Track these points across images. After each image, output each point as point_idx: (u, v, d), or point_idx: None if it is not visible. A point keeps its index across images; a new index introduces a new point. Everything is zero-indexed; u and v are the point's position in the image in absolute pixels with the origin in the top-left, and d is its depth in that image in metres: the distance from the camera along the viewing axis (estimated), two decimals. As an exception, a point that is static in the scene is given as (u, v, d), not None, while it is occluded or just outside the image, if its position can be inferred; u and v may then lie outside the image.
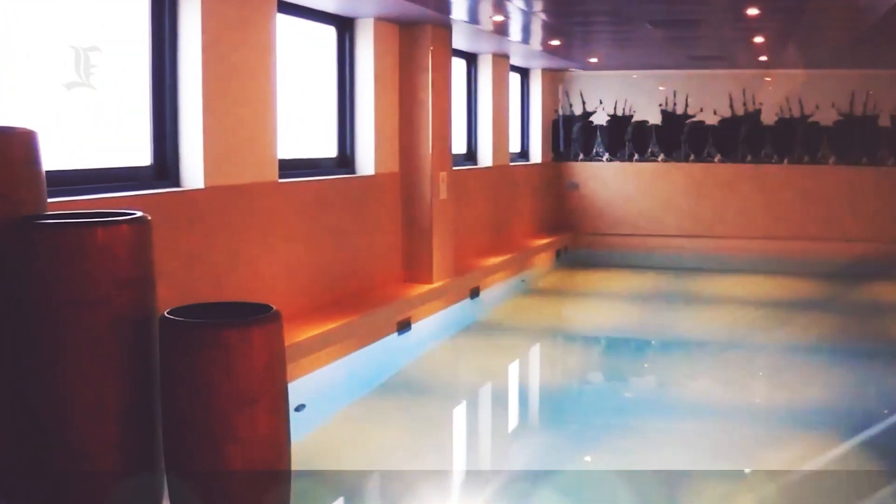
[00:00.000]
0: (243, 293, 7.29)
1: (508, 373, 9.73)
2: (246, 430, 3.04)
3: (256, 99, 7.67)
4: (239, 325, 3.04)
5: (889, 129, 15.98)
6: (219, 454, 3.02)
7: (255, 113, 7.66)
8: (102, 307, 3.23)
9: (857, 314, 12.41)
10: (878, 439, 7.32)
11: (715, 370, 9.76)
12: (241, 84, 7.46)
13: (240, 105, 7.46)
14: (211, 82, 7.08)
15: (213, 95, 7.12)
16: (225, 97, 7.27)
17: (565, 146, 16.85)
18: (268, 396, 3.05)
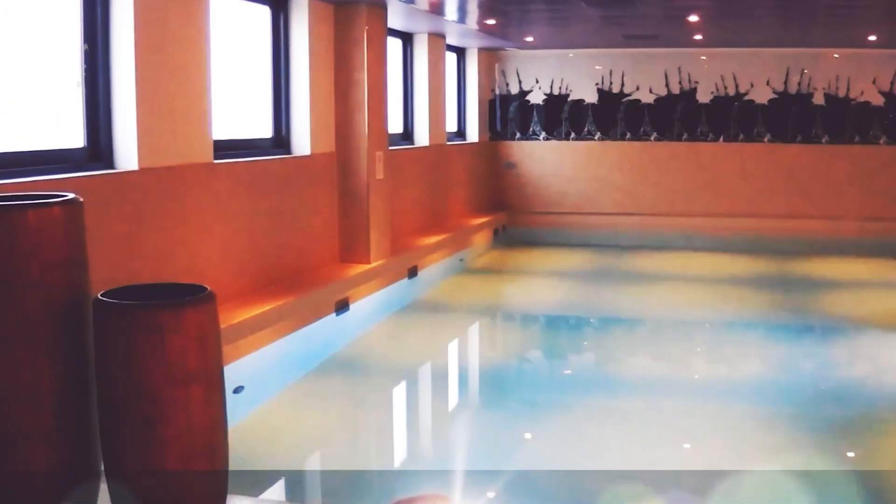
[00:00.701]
0: (180, 275, 7.25)
1: (448, 352, 9.76)
2: (181, 412, 3.02)
3: (190, 80, 7.61)
4: (172, 306, 3.02)
5: (823, 107, 16.14)
6: (154, 436, 3.01)
7: (189, 94, 7.60)
8: (34, 290, 3.21)
9: (793, 290, 12.56)
10: (812, 411, 7.44)
11: (653, 346, 9.84)
12: (174, 65, 7.39)
13: (174, 86, 7.39)
14: (144, 63, 7.02)
15: (147, 77, 7.05)
16: (158, 78, 7.20)
17: (502, 125, 16.87)
18: (203, 378, 3.04)
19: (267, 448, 6.43)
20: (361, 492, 5.85)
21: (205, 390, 3.07)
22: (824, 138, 16.17)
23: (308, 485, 6.27)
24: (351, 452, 6.63)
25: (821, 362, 9.20)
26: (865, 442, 6.80)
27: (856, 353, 9.63)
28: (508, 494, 5.66)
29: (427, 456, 6.82)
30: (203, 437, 3.06)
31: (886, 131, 16.07)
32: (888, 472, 6.21)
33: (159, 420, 3.02)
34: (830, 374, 8.76)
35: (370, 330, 9.90)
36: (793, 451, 6.52)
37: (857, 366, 9.17)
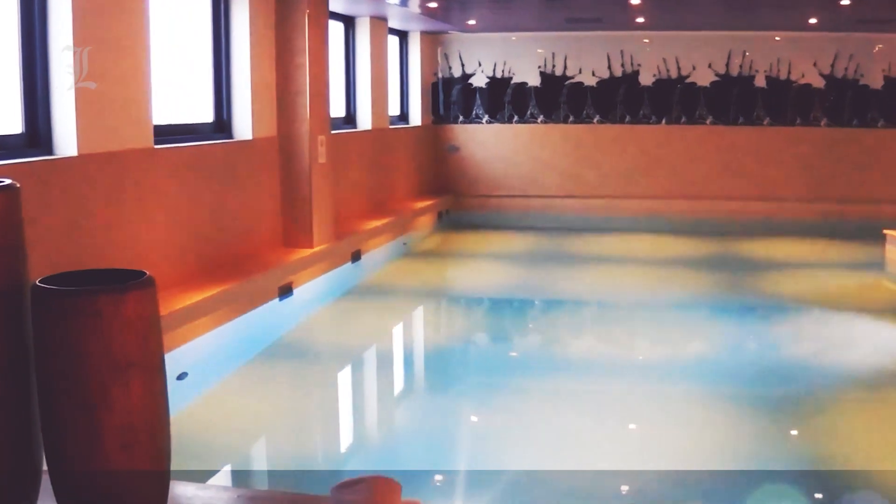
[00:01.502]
0: (121, 262, 7.18)
1: (393, 335, 9.75)
2: (122, 399, 2.99)
3: (130, 64, 7.52)
4: (112, 291, 2.98)
5: (765, 89, 16.28)
6: (95, 423, 2.97)
7: (129, 80, 7.52)
8: (-29, 277, 3.16)
9: (735, 270, 12.66)
10: (755, 390, 7.50)
11: (598, 328, 9.89)
12: (114, 49, 7.31)
13: (113, 72, 7.31)
14: (83, 47, 6.93)
15: (86, 61, 6.96)
16: (97, 63, 7.11)
17: (445, 109, 16.87)
18: (144, 363, 3.00)
19: (212, 434, 6.39)
20: (308, 476, 5.82)
21: (146, 376, 3.03)
22: (766, 120, 16.34)
23: (254, 470, 6.24)
24: (296, 437, 6.61)
25: (763, 342, 9.29)
26: (808, 420, 6.87)
27: (798, 333, 9.72)
28: (456, 477, 5.67)
29: (373, 440, 6.81)
30: (145, 423, 3.03)
31: (827, 113, 16.25)
32: (829, 450, 6.28)
33: (101, 407, 2.98)
34: (773, 354, 8.83)
35: (314, 314, 9.88)
36: (736, 430, 6.59)
37: (799, 345, 9.26)
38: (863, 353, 8.89)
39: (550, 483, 5.57)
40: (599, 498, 5.39)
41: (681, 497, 5.38)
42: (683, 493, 5.44)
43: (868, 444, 6.40)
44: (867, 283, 11.80)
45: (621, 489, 5.47)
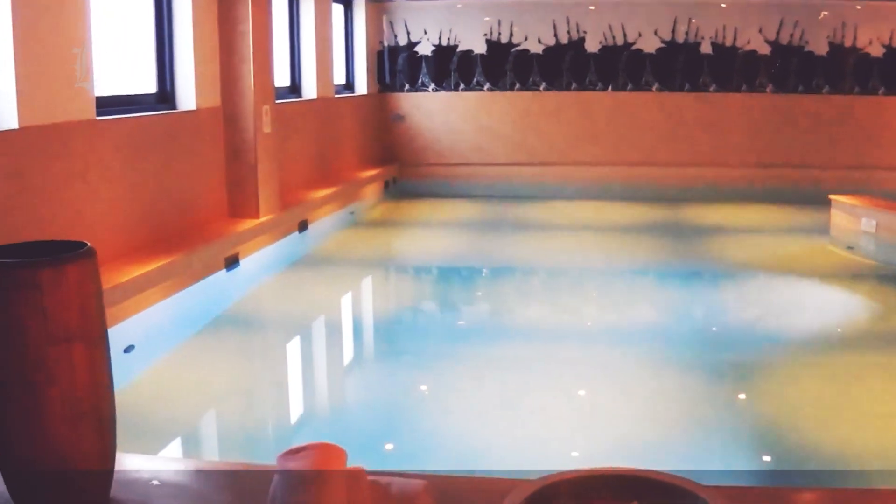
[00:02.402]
0: (65, 235, 7.08)
1: (341, 305, 9.73)
2: (63, 372, 2.94)
3: (71, 36, 7.41)
4: (51, 263, 2.94)
5: (711, 56, 16.34)
6: (36, 397, 2.93)
7: (69, 50, 7.41)
8: None
9: (682, 236, 12.74)
10: (703, 355, 7.56)
11: (546, 295, 9.92)
12: (54, 23, 7.19)
13: (53, 43, 7.20)
14: (22, 21, 6.81)
15: (25, 32, 6.85)
16: (38, 35, 7.00)
17: (391, 77, 16.79)
18: (85, 336, 2.96)
19: (161, 406, 6.35)
20: (257, 446, 5.81)
21: (88, 349, 2.99)
22: (712, 87, 16.40)
23: (204, 441, 6.22)
24: (245, 408, 6.58)
25: (711, 307, 9.36)
26: (755, 383, 6.92)
27: (745, 297, 9.80)
28: (406, 446, 5.67)
29: (323, 409, 6.80)
30: (88, 396, 2.99)
31: (773, 80, 16.35)
32: (777, 412, 6.33)
33: (42, 381, 2.94)
34: (720, 319, 8.91)
35: (261, 285, 9.83)
36: (685, 395, 6.63)
37: (746, 309, 9.34)
38: (809, 317, 8.99)
39: (499, 449, 5.59)
40: (549, 463, 5.41)
41: (628, 462, 5.40)
42: (632, 457, 5.46)
43: (815, 407, 6.46)
44: (813, 248, 11.90)
45: (571, 454, 5.49)
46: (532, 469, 2.50)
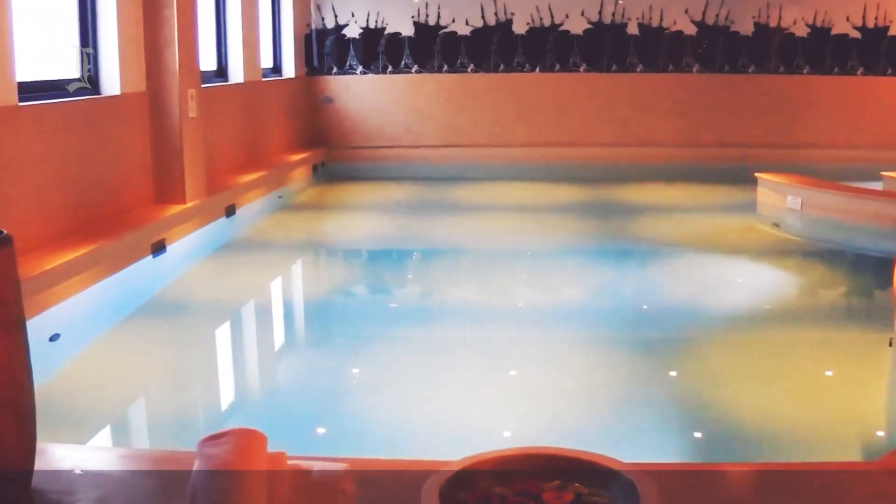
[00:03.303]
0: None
1: (271, 290, 9.68)
2: (-20, 361, 2.90)
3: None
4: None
5: (637, 36, 16.42)
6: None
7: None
8: None
9: (611, 216, 12.82)
10: (633, 333, 7.62)
11: (478, 276, 9.92)
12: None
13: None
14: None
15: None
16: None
17: (319, 60, 16.69)
18: (3, 324, 2.92)
19: (88, 395, 6.28)
20: (186, 433, 5.76)
21: (6, 337, 2.94)
22: (639, 67, 16.49)
23: (131, 429, 6.16)
24: (174, 395, 6.52)
25: (641, 285, 9.43)
26: (686, 361, 6.99)
27: (674, 276, 9.88)
28: (338, 431, 5.65)
29: (251, 395, 6.76)
30: (6, 385, 2.95)
31: (699, 60, 16.47)
32: (707, 389, 6.39)
33: (-41, 371, 2.90)
34: (650, 297, 8.97)
35: (189, 271, 9.73)
36: (616, 373, 6.67)
37: (675, 288, 9.41)
38: (736, 293, 9.08)
39: (431, 431, 5.58)
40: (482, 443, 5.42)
41: (561, 441, 5.43)
42: (565, 436, 5.48)
43: (743, 382, 6.53)
44: (740, 226, 12.02)
45: (504, 434, 5.50)
46: (459, 451, 2.49)
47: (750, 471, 3.47)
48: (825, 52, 16.61)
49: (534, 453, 2.34)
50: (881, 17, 16.52)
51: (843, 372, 6.75)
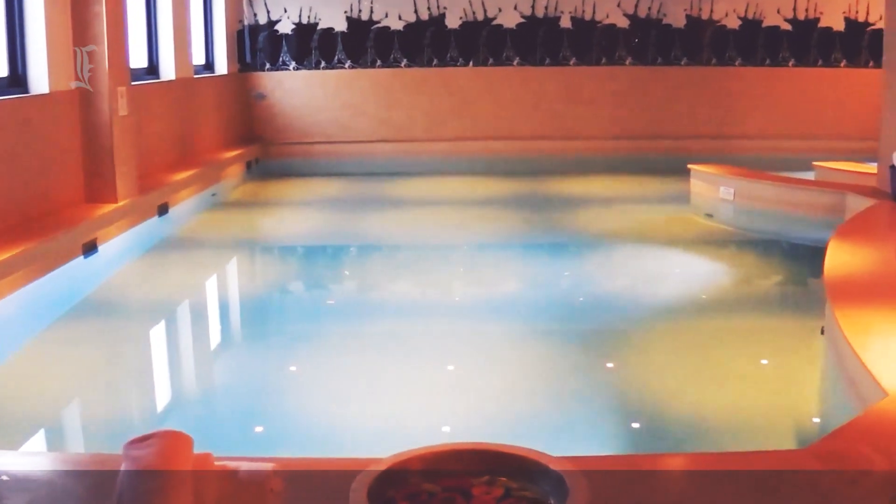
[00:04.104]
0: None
1: (206, 288, 9.60)
2: None
3: None
4: None
5: (570, 30, 16.48)
6: None
7: None
8: None
9: (547, 209, 12.87)
10: (570, 325, 7.64)
11: (414, 271, 9.91)
12: None
13: None
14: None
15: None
16: None
17: (251, 56, 16.59)
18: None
19: (22, 399, 6.19)
20: (118, 435, 5.69)
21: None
22: (572, 61, 16.54)
23: (61, 433, 6.07)
24: (107, 397, 6.44)
25: (576, 278, 9.47)
26: (621, 352, 7.01)
27: (608, 268, 9.93)
28: (273, 429, 5.61)
29: (186, 396, 6.69)
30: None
31: (632, 52, 16.57)
32: (643, 379, 6.42)
33: None
34: (586, 289, 9.01)
35: (121, 271, 9.63)
36: (553, 366, 6.69)
37: (611, 280, 9.46)
38: (672, 285, 9.14)
39: (369, 428, 5.56)
40: (420, 439, 5.41)
41: (500, 434, 5.43)
42: (501, 430, 5.49)
43: (679, 373, 6.57)
44: (674, 217, 12.11)
45: (443, 430, 5.49)
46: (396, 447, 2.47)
47: (682, 461, 3.49)
48: (757, 44, 16.78)
49: (462, 449, 2.32)
50: (811, 10, 16.71)
51: (777, 360, 6.81)
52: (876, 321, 5.29)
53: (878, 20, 15.82)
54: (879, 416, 3.86)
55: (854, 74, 16.79)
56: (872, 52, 16.44)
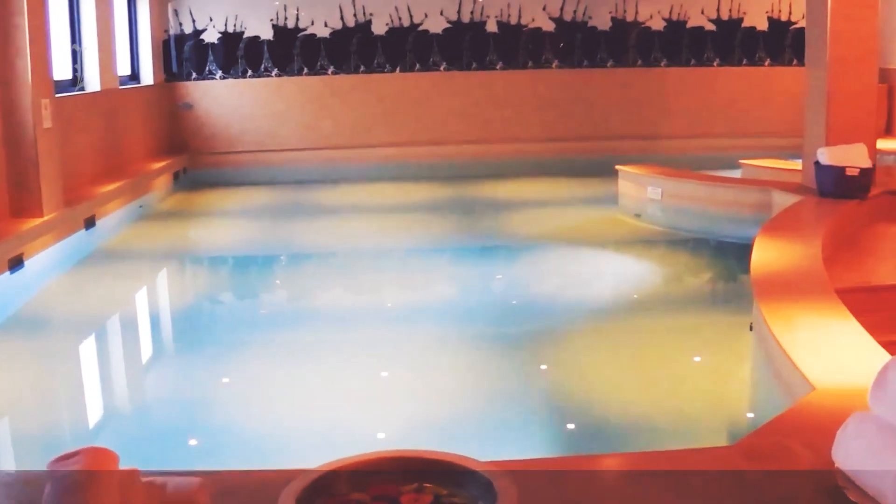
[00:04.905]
0: None
1: (136, 301, 9.51)
2: None
3: None
4: None
5: (497, 34, 16.55)
6: None
7: None
8: None
9: (479, 213, 12.92)
10: (504, 329, 7.66)
11: (346, 278, 9.89)
12: None
13: None
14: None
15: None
16: None
17: (178, 66, 16.48)
18: None
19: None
20: (47, 452, 5.61)
21: None
22: (499, 65, 16.61)
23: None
24: (37, 414, 6.36)
25: (508, 281, 9.50)
26: (555, 354, 7.05)
27: (540, 270, 9.97)
28: (206, 441, 5.57)
29: (118, 410, 6.62)
30: None
31: (558, 56, 16.66)
32: (576, 381, 6.45)
33: None
34: (517, 292, 9.04)
35: (49, 285, 9.50)
36: (487, 370, 6.71)
37: (542, 282, 9.50)
38: (602, 285, 9.21)
39: (304, 437, 5.54)
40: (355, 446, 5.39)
41: (435, 439, 5.43)
42: (436, 435, 5.50)
43: (612, 373, 6.62)
44: (603, 218, 12.19)
45: (377, 436, 5.49)
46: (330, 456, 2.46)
47: (609, 461, 3.51)
48: (682, 45, 16.97)
49: (390, 457, 2.32)
50: (735, 10, 16.93)
51: (709, 358, 6.89)
52: (802, 316, 5.35)
53: (801, 19, 16.06)
54: (807, 410, 3.90)
55: (778, 73, 17.04)
56: (796, 51, 16.68)
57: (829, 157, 9.25)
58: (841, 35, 9.64)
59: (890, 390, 2.93)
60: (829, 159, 9.24)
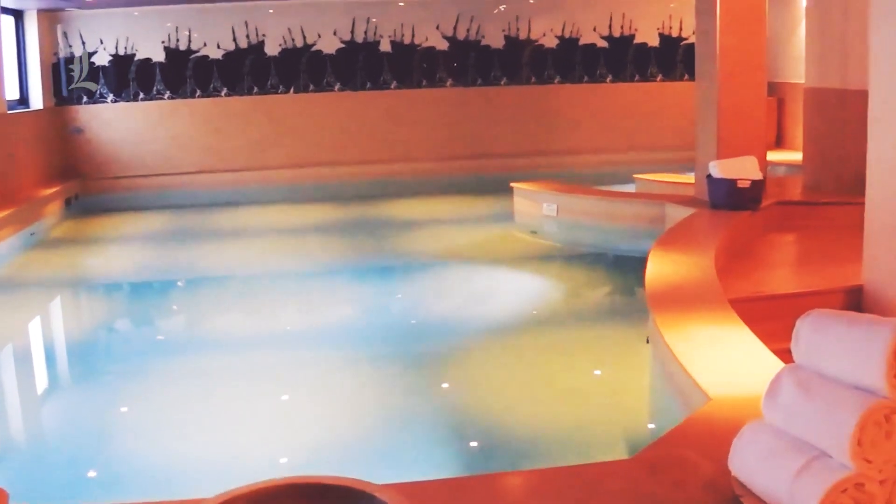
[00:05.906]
0: None
1: (29, 332, 9.30)
2: None
3: None
4: None
5: (390, 53, 16.58)
6: None
7: None
8: None
9: (376, 233, 12.89)
10: (404, 348, 7.66)
11: (244, 302, 9.81)
12: None
13: None
14: None
15: None
16: None
17: (68, 90, 16.23)
18: None
19: None
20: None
21: None
22: (393, 84, 16.63)
23: None
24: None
25: (406, 301, 9.49)
26: (455, 372, 7.06)
27: (439, 288, 9.99)
28: (108, 473, 5.47)
29: (14, 444, 6.47)
30: None
31: (452, 74, 16.75)
32: (477, 398, 6.46)
33: None
34: (417, 312, 9.04)
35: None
36: (388, 390, 6.70)
37: (440, 300, 9.50)
38: (500, 302, 9.24)
39: (205, 465, 5.48)
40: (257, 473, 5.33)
41: (338, 461, 5.41)
42: (339, 457, 5.47)
43: (511, 389, 6.63)
44: (499, 235, 12.26)
45: (280, 461, 5.44)
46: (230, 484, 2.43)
47: (508, 478, 3.51)
48: (575, 62, 17.13)
49: (288, 483, 2.30)
50: (627, 26, 17.16)
51: (607, 371, 6.94)
52: (697, 327, 5.42)
53: (691, 35, 16.31)
54: (703, 420, 3.95)
55: (670, 88, 17.30)
56: (687, 66, 16.96)
57: (721, 169, 9.40)
58: (730, 50, 9.81)
59: (782, 399, 2.98)
60: (720, 172, 9.39)
